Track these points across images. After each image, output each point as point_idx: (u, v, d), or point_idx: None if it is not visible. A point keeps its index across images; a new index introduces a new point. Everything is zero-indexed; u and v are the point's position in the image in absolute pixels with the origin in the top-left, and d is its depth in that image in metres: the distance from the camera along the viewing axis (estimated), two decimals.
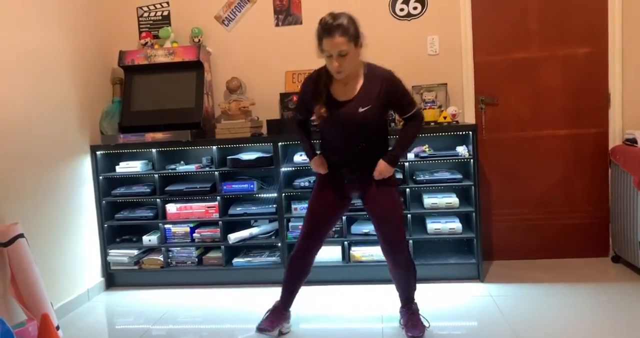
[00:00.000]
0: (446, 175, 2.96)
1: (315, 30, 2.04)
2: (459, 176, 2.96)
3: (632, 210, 2.83)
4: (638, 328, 2.28)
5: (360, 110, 2.08)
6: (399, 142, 2.20)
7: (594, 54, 3.13)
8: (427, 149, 2.98)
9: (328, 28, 1.97)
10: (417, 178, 2.97)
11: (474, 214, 2.90)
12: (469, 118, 3.22)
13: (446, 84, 3.17)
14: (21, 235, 2.28)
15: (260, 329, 2.32)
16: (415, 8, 3.22)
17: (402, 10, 3.24)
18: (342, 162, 2.22)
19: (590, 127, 3.18)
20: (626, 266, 3.04)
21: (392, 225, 2.22)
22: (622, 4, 3.05)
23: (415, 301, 2.36)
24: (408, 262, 2.26)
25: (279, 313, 2.36)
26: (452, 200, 2.94)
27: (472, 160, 2.88)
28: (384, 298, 2.74)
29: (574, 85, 3.17)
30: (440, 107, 3.08)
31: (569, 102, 3.18)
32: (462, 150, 2.92)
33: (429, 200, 2.95)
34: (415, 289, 2.35)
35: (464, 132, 2.98)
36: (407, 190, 2.95)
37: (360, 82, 2.11)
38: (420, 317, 2.32)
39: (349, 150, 2.18)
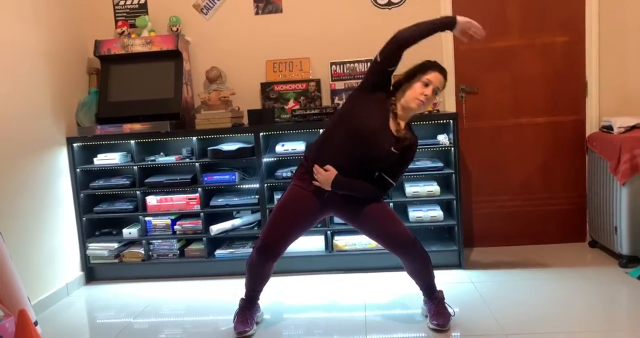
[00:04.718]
0: (427, 163, 2.98)
1: (417, 64, 2.17)
2: (440, 164, 2.98)
3: (608, 196, 2.90)
4: (613, 309, 2.35)
5: (392, 149, 2.10)
6: (357, 183, 2.14)
7: (571, 43, 3.17)
8: None
9: (441, 67, 2.16)
10: None
11: (455, 202, 2.92)
12: (450, 107, 3.24)
13: None
14: None
15: (239, 333, 2.24)
16: None
17: None
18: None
19: (568, 114, 3.23)
20: (602, 250, 3.11)
21: (394, 222, 2.19)
22: None
23: (439, 289, 2.30)
24: (423, 253, 2.21)
25: (247, 309, 2.30)
26: (434, 188, 2.96)
27: (452, 149, 2.90)
28: (367, 287, 2.76)
29: (552, 73, 3.20)
30: None
31: (547, 90, 3.22)
32: (442, 138, 2.94)
33: (410, 189, 2.97)
34: (434, 277, 2.28)
35: (444, 121, 2.99)
36: None
37: (403, 131, 2.14)
38: (446, 304, 2.27)
39: (344, 171, 2.12)
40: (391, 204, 2.95)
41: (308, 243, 3.01)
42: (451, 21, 2.12)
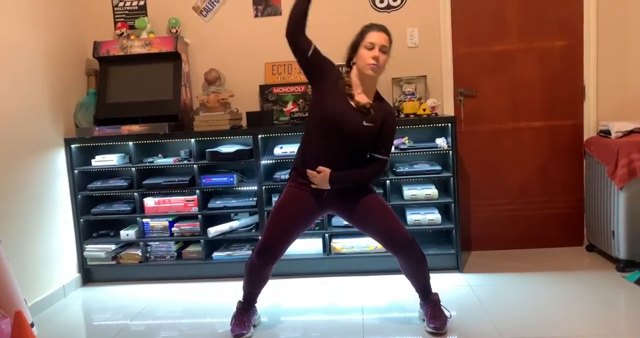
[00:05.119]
0: (425, 166, 2.98)
1: (358, 32, 2.16)
2: (438, 168, 2.98)
3: (605, 200, 2.90)
4: (611, 314, 2.34)
5: (365, 124, 2.09)
6: (353, 172, 2.16)
7: (569, 47, 3.18)
8: (406, 141, 2.99)
9: (377, 25, 2.14)
10: (397, 170, 2.98)
11: (452, 205, 2.93)
12: (448, 110, 3.24)
13: (425, 76, 3.18)
14: None
15: (236, 336, 2.25)
16: (395, 0, 3.22)
17: (382, 2, 3.23)
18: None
19: (566, 119, 3.24)
20: (600, 254, 3.11)
21: (393, 221, 2.20)
22: None
23: (435, 291, 2.31)
24: (420, 254, 2.22)
25: (244, 312, 2.31)
26: (432, 191, 2.96)
27: (451, 152, 2.90)
28: (365, 290, 2.76)
29: (551, 77, 3.21)
30: (419, 99, 3.09)
31: (545, 94, 3.23)
32: (441, 142, 2.94)
33: (408, 192, 2.97)
34: (430, 278, 2.29)
35: (443, 124, 3.00)
36: (387, 182, 2.96)
37: (371, 102, 2.14)
38: (442, 307, 2.28)
39: (334, 163, 2.13)
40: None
41: (306, 246, 3.01)
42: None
